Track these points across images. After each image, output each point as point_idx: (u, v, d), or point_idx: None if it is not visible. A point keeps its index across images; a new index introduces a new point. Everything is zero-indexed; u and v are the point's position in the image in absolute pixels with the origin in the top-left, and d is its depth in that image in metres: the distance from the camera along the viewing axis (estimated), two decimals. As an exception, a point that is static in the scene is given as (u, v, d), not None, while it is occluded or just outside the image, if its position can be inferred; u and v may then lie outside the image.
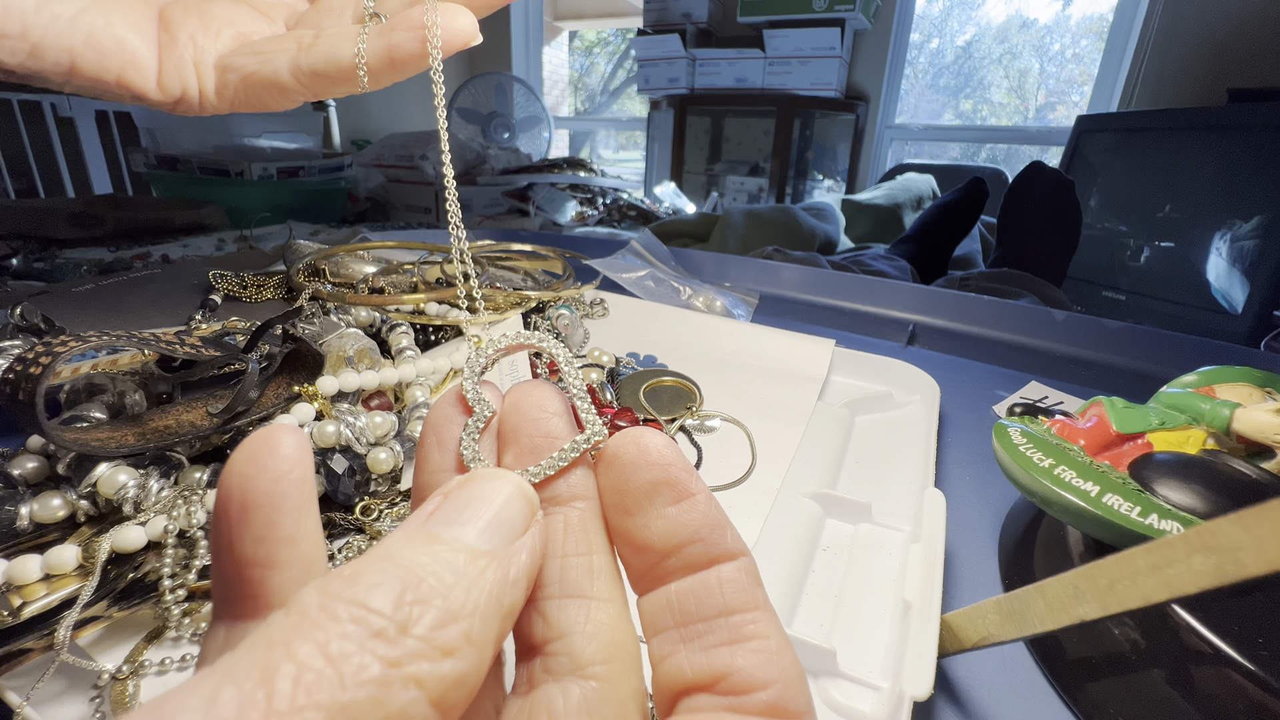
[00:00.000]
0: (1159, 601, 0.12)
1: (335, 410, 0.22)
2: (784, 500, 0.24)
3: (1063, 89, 2.14)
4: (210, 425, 0.20)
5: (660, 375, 0.32)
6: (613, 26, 3.00)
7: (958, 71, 2.27)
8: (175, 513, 0.17)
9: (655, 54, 2.00)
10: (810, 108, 1.89)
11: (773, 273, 0.56)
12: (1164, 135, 1.24)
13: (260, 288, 0.32)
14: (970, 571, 0.23)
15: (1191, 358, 0.40)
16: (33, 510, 0.18)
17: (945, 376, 0.34)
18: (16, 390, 0.16)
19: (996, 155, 2.15)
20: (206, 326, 0.27)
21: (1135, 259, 1.28)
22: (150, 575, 0.17)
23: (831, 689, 0.17)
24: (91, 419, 0.20)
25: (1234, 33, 1.41)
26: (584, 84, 3.16)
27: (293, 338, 0.23)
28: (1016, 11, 2.17)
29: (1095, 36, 1.99)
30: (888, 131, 2.08)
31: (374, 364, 0.26)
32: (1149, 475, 0.19)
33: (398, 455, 0.22)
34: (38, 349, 0.17)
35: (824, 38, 1.75)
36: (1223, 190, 1.13)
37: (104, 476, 0.18)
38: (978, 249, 1.32)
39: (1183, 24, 1.50)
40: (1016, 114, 2.24)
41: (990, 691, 0.19)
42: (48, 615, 0.15)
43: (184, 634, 0.17)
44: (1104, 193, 1.35)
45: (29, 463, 0.19)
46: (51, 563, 0.16)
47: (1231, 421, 0.21)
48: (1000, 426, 0.22)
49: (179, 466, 0.20)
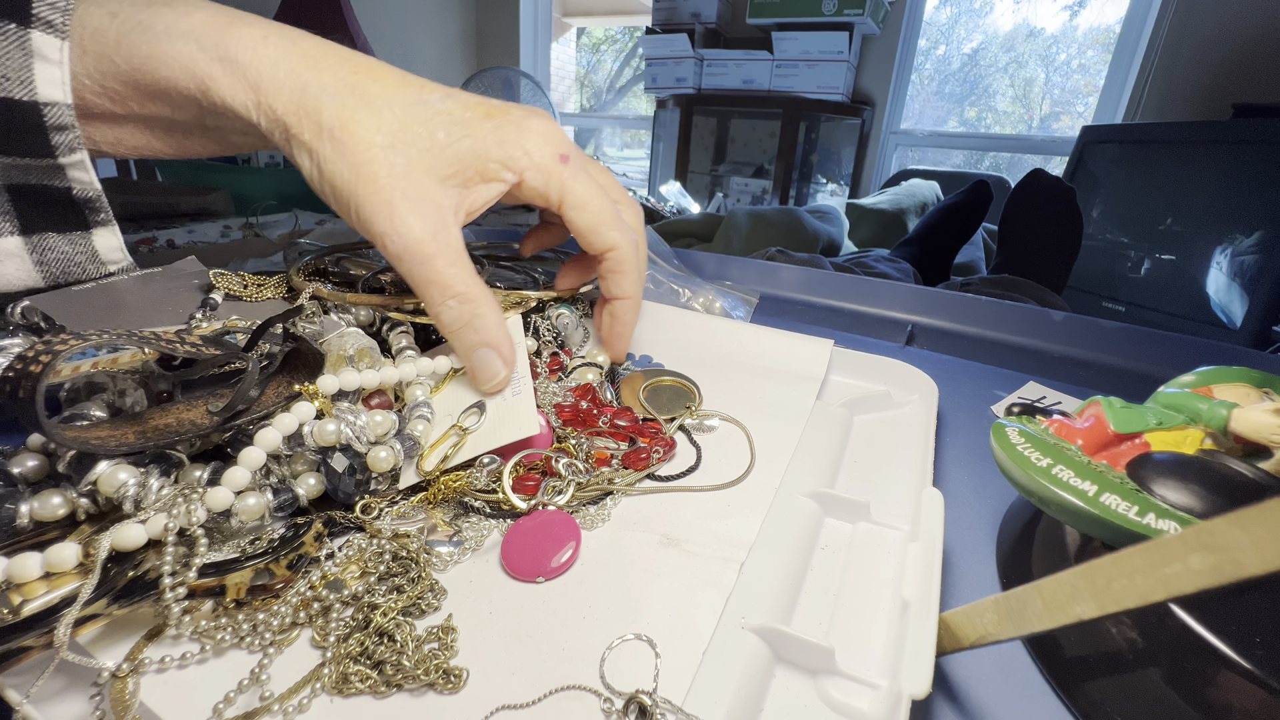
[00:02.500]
0: (1156, 601, 0.12)
1: (335, 409, 0.22)
2: (782, 499, 0.24)
3: (1068, 99, 2.15)
4: (210, 424, 0.20)
5: (660, 375, 0.32)
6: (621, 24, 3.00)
7: (963, 79, 2.27)
8: (175, 510, 0.17)
9: (663, 53, 2.00)
10: (816, 111, 1.89)
11: (772, 273, 0.56)
12: (1168, 148, 1.24)
13: (261, 287, 0.32)
14: (968, 570, 0.23)
15: (1189, 358, 0.40)
16: (33, 508, 0.18)
17: (943, 376, 0.34)
18: (17, 388, 0.16)
19: (1000, 163, 2.15)
20: (207, 325, 0.27)
21: (1135, 270, 1.28)
22: (150, 573, 0.17)
23: (830, 687, 0.17)
24: (91, 417, 0.20)
25: (1240, 48, 1.42)
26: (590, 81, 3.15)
27: (293, 336, 0.23)
28: (1024, 20, 2.18)
29: (1102, 48, 1.99)
30: (892, 137, 2.09)
31: (374, 363, 0.26)
32: (1146, 475, 0.19)
33: (398, 454, 0.22)
34: (38, 347, 0.17)
35: (832, 41, 1.75)
36: (1225, 204, 1.13)
37: (104, 474, 0.18)
38: (980, 255, 1.32)
39: (1189, 38, 1.51)
40: (1021, 123, 2.24)
41: (988, 690, 0.19)
42: (48, 613, 0.15)
43: (184, 632, 0.17)
44: (1106, 204, 1.35)
45: (29, 461, 0.19)
46: (52, 561, 0.16)
47: (1229, 421, 0.21)
48: (998, 426, 0.22)
49: (179, 465, 0.20)
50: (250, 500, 0.19)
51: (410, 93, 0.25)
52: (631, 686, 0.16)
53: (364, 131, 0.24)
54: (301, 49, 0.25)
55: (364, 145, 0.24)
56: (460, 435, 0.24)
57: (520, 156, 0.25)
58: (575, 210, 0.27)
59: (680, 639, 0.18)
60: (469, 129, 0.25)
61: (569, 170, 0.27)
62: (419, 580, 0.19)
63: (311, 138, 0.24)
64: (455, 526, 0.22)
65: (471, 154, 0.25)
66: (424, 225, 0.24)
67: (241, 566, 0.18)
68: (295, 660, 0.17)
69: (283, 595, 0.18)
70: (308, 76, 0.24)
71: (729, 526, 0.22)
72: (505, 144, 0.25)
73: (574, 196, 0.27)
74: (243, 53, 0.24)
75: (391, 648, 0.17)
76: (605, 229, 0.28)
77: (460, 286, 0.25)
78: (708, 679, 0.16)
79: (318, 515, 0.21)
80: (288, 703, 0.15)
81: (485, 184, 0.25)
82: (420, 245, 0.24)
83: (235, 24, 0.25)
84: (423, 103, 0.25)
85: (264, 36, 0.25)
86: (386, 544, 0.20)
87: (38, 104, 0.24)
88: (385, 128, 0.24)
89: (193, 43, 0.24)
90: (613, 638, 0.18)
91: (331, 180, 0.25)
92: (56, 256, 0.28)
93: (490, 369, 0.25)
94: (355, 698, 0.16)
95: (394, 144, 0.24)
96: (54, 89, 0.24)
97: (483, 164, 0.25)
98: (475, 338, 0.25)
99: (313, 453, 0.21)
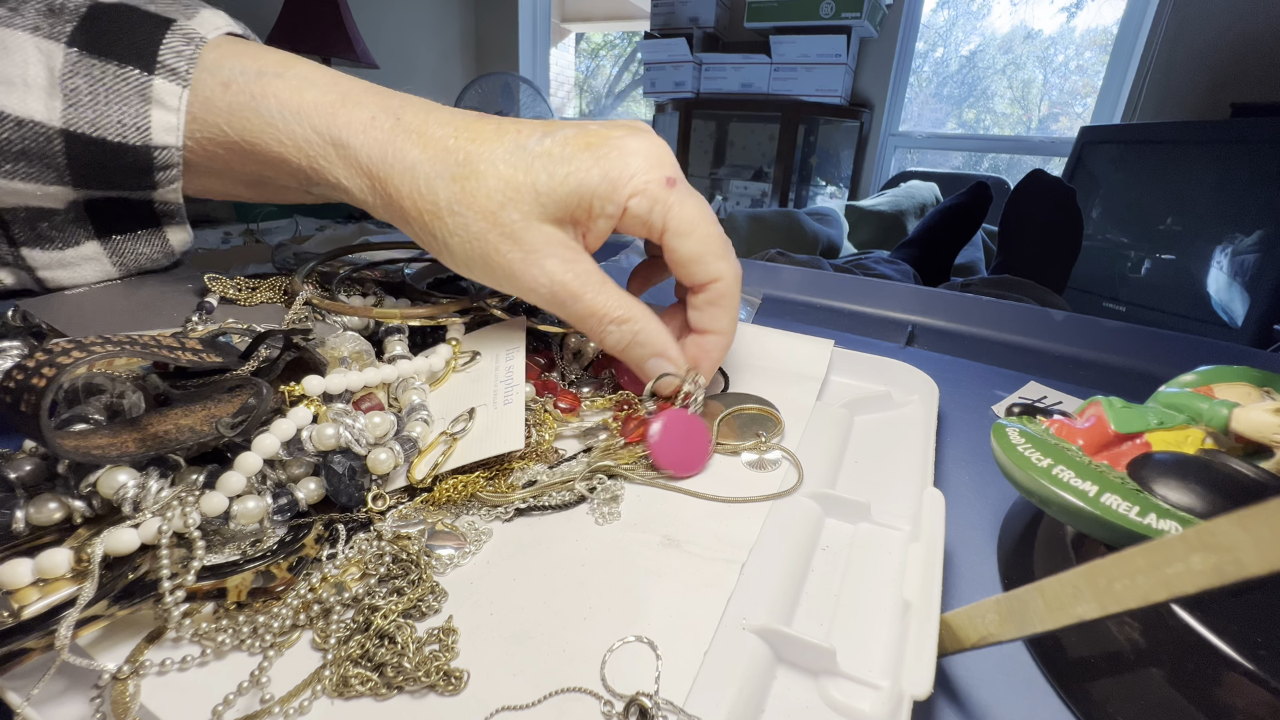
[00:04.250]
0: (1158, 601, 0.12)
1: (332, 412, 0.22)
2: (783, 499, 0.24)
3: (1066, 100, 2.15)
4: (212, 432, 0.20)
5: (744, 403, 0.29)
6: (620, 29, 3.01)
7: (962, 81, 2.28)
8: (170, 514, 0.17)
9: (662, 57, 2.01)
10: (815, 114, 1.89)
11: (773, 274, 0.56)
12: (1166, 148, 1.24)
13: (254, 290, 0.32)
14: (969, 571, 0.23)
15: (1190, 357, 0.40)
16: (29, 514, 0.18)
17: (944, 377, 0.34)
18: (19, 400, 0.16)
19: (999, 164, 2.16)
20: (204, 329, 0.27)
21: (1136, 271, 1.28)
22: (150, 575, 0.17)
23: (831, 688, 0.17)
24: (91, 420, 0.20)
25: (1238, 47, 1.42)
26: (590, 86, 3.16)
27: (296, 346, 0.23)
28: (1021, 22, 2.18)
29: (1099, 49, 2.00)
30: (891, 139, 2.09)
31: (366, 367, 0.26)
32: (1147, 475, 0.19)
33: (397, 455, 0.22)
34: (39, 358, 0.17)
35: (830, 44, 1.76)
36: (1224, 204, 1.13)
37: (103, 477, 0.18)
38: (980, 256, 1.33)
39: (1187, 38, 1.51)
40: (1019, 124, 2.24)
41: (990, 691, 0.19)
42: (48, 615, 0.15)
43: (184, 635, 0.17)
44: (1106, 204, 1.35)
45: (26, 465, 0.19)
46: (43, 566, 0.16)
47: (1230, 421, 0.21)
48: (999, 426, 0.22)
49: (175, 467, 0.20)
50: (250, 504, 0.19)
51: (509, 141, 0.25)
52: (632, 688, 0.16)
53: (477, 200, 0.24)
54: (405, 125, 0.25)
55: (480, 214, 0.24)
56: (450, 442, 0.24)
57: (624, 185, 0.25)
58: (680, 238, 0.26)
59: (681, 640, 0.18)
60: (571, 165, 0.24)
61: (675, 195, 0.25)
62: (419, 582, 0.19)
63: (431, 219, 0.25)
64: (456, 528, 0.22)
65: (575, 196, 0.24)
66: (561, 266, 0.25)
67: (242, 569, 0.18)
68: (296, 662, 0.17)
69: (283, 597, 0.18)
70: (414, 156, 0.25)
71: (730, 527, 0.22)
72: (609, 176, 0.24)
73: (679, 222, 0.25)
74: (353, 138, 0.25)
75: (392, 650, 0.17)
76: (712, 259, 0.26)
77: (615, 311, 0.26)
78: (709, 680, 0.16)
79: (319, 517, 0.21)
80: (288, 705, 0.15)
81: (592, 219, 0.25)
82: (565, 287, 0.25)
83: (344, 106, 0.25)
84: (522, 149, 0.25)
85: (371, 119, 0.25)
86: (387, 546, 0.20)
87: (150, 147, 0.25)
88: (494, 189, 0.24)
89: (305, 124, 0.25)
90: (613, 639, 0.18)
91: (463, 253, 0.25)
92: (133, 254, 0.29)
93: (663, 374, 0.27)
94: (356, 700, 0.16)
95: (505, 202, 0.24)
96: (168, 135, 0.25)
97: (588, 203, 0.25)
98: (642, 351, 0.27)
99: (311, 456, 0.21)
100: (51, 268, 0.27)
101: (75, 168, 0.24)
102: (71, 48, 0.23)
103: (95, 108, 0.24)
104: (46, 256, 0.27)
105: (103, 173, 0.25)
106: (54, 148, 0.24)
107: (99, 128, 0.24)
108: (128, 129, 0.24)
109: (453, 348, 0.29)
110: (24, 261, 0.26)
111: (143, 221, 0.28)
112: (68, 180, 0.25)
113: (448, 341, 0.29)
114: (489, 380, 0.27)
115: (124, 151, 0.24)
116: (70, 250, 0.27)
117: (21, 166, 0.24)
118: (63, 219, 0.26)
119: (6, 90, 0.23)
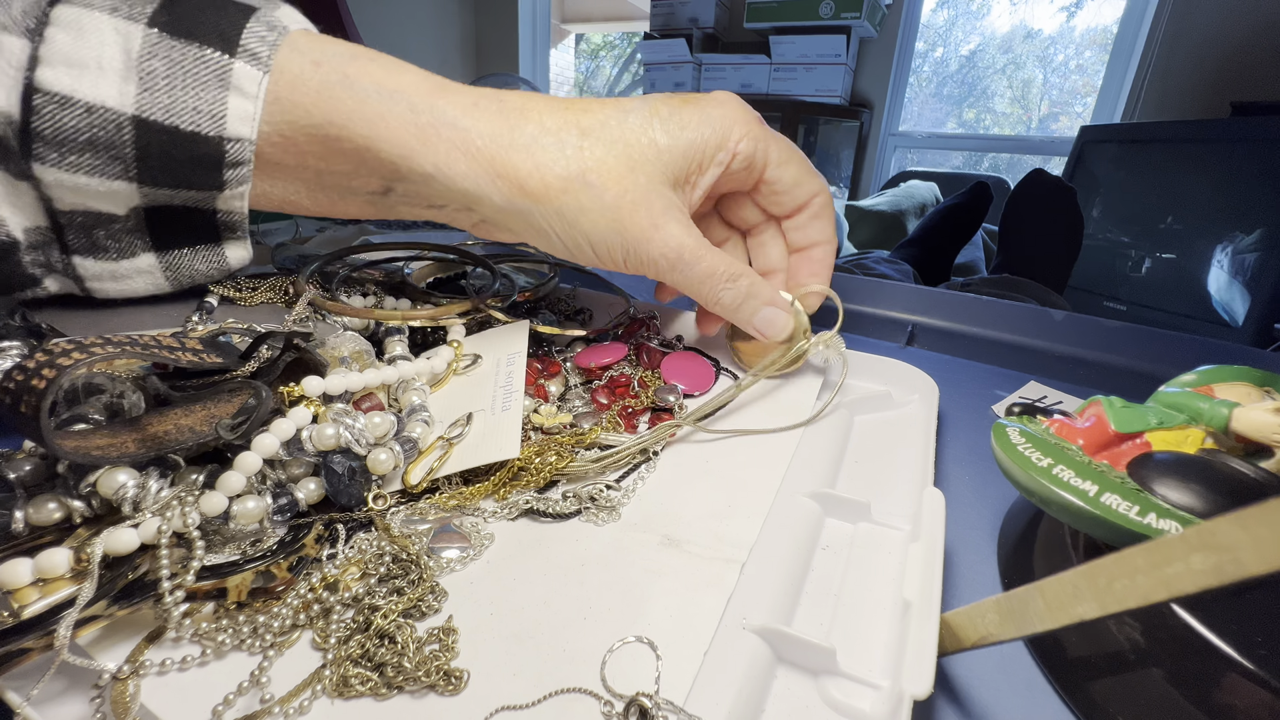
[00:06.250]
0: (1158, 601, 0.12)
1: (331, 413, 0.22)
2: (783, 499, 0.24)
3: (1066, 99, 2.15)
4: (212, 433, 0.20)
5: None
6: (619, 30, 3.01)
7: (961, 80, 2.27)
8: (169, 514, 0.17)
9: (661, 58, 2.01)
10: (815, 114, 1.89)
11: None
12: (1167, 147, 1.24)
13: (255, 290, 0.32)
14: (969, 571, 0.23)
15: (1190, 357, 0.40)
16: (28, 514, 0.18)
17: (944, 376, 0.34)
18: (19, 401, 0.16)
19: (999, 164, 2.15)
20: (204, 329, 0.27)
21: (1136, 270, 1.28)
22: (150, 575, 0.17)
23: (831, 687, 0.17)
24: (90, 420, 0.20)
25: (1238, 46, 1.42)
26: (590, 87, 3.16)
27: (297, 347, 0.23)
28: (1021, 22, 2.18)
29: (1099, 48, 2.00)
30: (891, 139, 2.09)
31: (367, 367, 0.26)
32: (1147, 474, 0.19)
33: (398, 455, 0.22)
34: (39, 359, 0.17)
35: (830, 44, 1.75)
36: (1225, 203, 1.13)
37: (103, 477, 0.18)
38: (980, 256, 1.33)
39: (1187, 37, 1.51)
40: (1019, 123, 2.24)
41: (990, 690, 0.19)
42: (48, 615, 0.15)
43: (184, 635, 0.17)
44: (1106, 203, 1.35)
45: (26, 465, 0.19)
46: (42, 566, 0.16)
47: (1230, 421, 0.21)
48: (999, 426, 0.22)
49: (175, 467, 0.20)
50: (249, 504, 0.19)
51: (611, 109, 0.26)
52: (632, 688, 0.16)
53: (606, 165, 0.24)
54: (510, 105, 0.25)
55: (614, 179, 0.24)
56: (446, 447, 0.24)
57: (731, 131, 0.27)
58: (783, 166, 0.28)
59: (681, 640, 0.18)
60: (682, 121, 0.26)
61: (770, 132, 0.28)
62: (420, 582, 0.19)
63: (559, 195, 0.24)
64: (461, 528, 0.22)
65: (692, 147, 0.26)
66: (683, 230, 0.26)
67: (242, 569, 0.18)
68: (296, 662, 0.17)
69: (283, 597, 0.18)
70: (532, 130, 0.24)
71: (730, 527, 0.22)
72: (716, 126, 0.26)
73: (779, 152, 0.28)
74: (462, 117, 0.24)
75: (392, 649, 0.17)
76: (809, 177, 0.29)
77: (730, 269, 0.27)
78: (709, 680, 0.16)
79: (319, 517, 0.21)
80: (288, 705, 0.15)
81: (703, 173, 0.27)
82: (691, 249, 0.26)
83: (444, 91, 0.24)
84: (628, 112, 0.26)
85: (474, 102, 0.24)
86: (387, 546, 0.20)
87: (223, 139, 0.23)
88: (621, 154, 0.24)
89: (404, 103, 0.23)
90: (613, 639, 0.18)
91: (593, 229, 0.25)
92: (188, 270, 0.27)
93: (777, 324, 0.29)
94: (356, 700, 0.16)
95: (634, 165, 0.25)
96: (243, 125, 0.23)
97: (702, 154, 0.26)
98: (756, 303, 0.28)
99: (311, 457, 0.21)
100: (101, 279, 0.26)
101: (143, 160, 0.23)
102: (152, 28, 0.22)
103: (171, 92, 0.22)
104: (99, 267, 0.25)
105: (171, 165, 0.23)
106: (123, 136, 0.22)
107: (172, 113, 0.22)
108: (202, 116, 0.23)
109: (454, 350, 0.29)
110: (74, 270, 0.25)
111: (203, 235, 0.26)
112: (133, 175, 0.23)
113: (449, 343, 0.29)
114: (489, 385, 0.27)
115: (195, 141, 0.23)
116: (125, 262, 0.26)
117: (87, 158, 0.22)
118: (121, 227, 0.25)
119: (78, 74, 0.21)
